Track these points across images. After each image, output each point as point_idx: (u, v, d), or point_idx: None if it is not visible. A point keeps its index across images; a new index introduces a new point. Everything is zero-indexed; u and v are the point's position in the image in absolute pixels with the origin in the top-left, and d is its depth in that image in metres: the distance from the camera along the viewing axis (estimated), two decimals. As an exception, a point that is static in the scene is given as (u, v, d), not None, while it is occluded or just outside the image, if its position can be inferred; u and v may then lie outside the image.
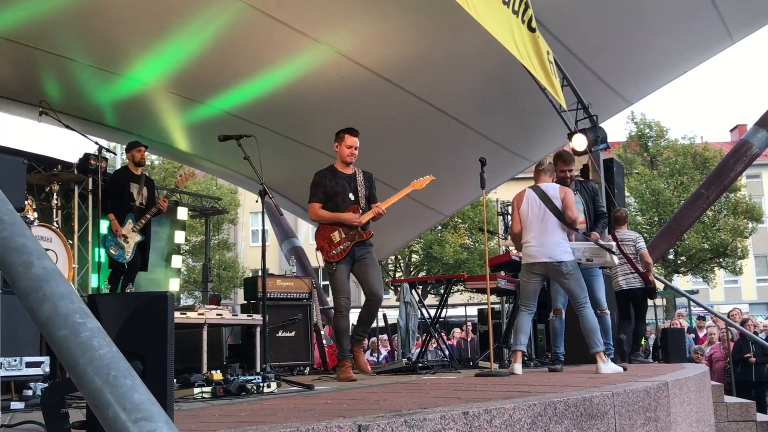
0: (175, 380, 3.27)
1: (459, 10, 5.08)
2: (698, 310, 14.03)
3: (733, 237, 24.59)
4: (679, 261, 25.44)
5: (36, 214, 5.17)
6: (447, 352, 7.82)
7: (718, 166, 11.57)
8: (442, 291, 10.50)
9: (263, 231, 5.27)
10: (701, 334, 12.50)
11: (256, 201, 5.47)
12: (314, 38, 7.05)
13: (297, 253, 13.99)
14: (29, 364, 3.59)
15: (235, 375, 4.23)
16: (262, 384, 4.05)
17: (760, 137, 10.58)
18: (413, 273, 26.31)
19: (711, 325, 12.30)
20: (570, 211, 5.51)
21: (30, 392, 3.69)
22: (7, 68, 7.06)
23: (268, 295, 6.49)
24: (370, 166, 5.89)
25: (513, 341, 5.86)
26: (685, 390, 4.41)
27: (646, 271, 7.64)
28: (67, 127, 6.78)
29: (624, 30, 8.01)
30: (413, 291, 8.31)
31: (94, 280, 8.02)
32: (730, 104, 73.49)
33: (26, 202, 4.71)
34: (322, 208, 5.54)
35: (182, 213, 12.41)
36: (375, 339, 13.78)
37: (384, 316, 10.27)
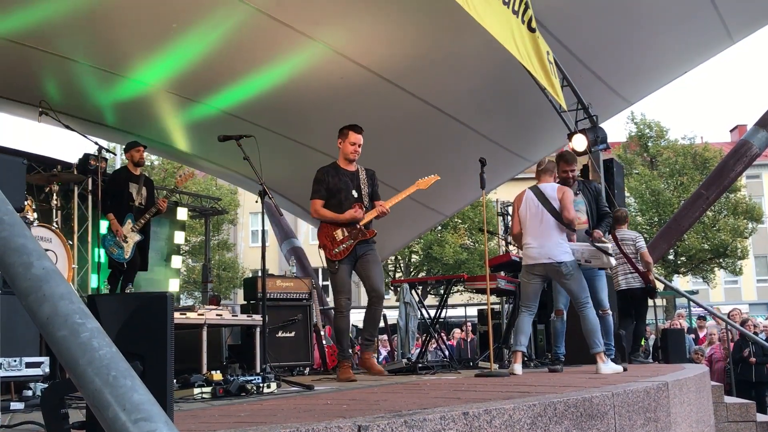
0: (174, 381, 3.27)
1: (459, 10, 5.08)
2: (698, 310, 14.02)
3: (733, 237, 24.60)
4: (679, 261, 25.46)
5: (36, 215, 5.17)
6: (447, 352, 7.81)
7: (718, 167, 11.57)
8: (442, 291, 10.51)
9: (263, 231, 5.26)
10: (701, 334, 12.50)
11: (256, 201, 5.44)
12: (314, 38, 7.05)
13: (297, 253, 13.98)
14: (29, 365, 3.59)
15: (235, 375, 4.22)
16: (261, 384, 4.05)
17: (760, 137, 10.58)
18: (413, 273, 26.32)
19: (711, 325, 12.31)
20: (566, 211, 5.47)
21: (30, 393, 3.69)
22: (7, 68, 7.05)
23: (268, 295, 6.49)
24: (370, 165, 5.88)
25: (513, 342, 5.86)
26: (685, 390, 4.41)
27: (646, 270, 7.65)
28: (67, 127, 6.79)
29: (624, 30, 8.01)
30: (413, 291, 8.30)
31: (93, 280, 8.02)
32: (730, 104, 73.62)
33: (26, 203, 4.70)
34: (325, 206, 5.47)
35: (182, 213, 12.41)
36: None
37: (384, 316, 10.26)
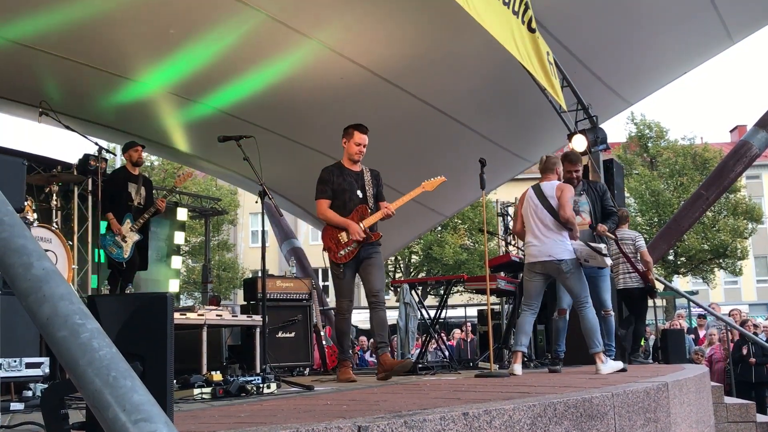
0: (174, 381, 3.27)
1: (459, 10, 5.08)
2: (698, 310, 14.03)
3: (732, 238, 24.58)
4: (679, 262, 25.45)
5: (35, 215, 5.16)
6: (447, 352, 7.82)
7: (718, 167, 11.57)
8: (441, 292, 10.50)
9: (263, 232, 5.26)
10: (701, 333, 12.50)
11: (256, 202, 5.42)
12: (314, 38, 7.05)
13: (297, 253, 13.98)
14: (29, 365, 3.59)
15: (235, 376, 4.22)
16: (261, 385, 4.05)
17: (759, 138, 10.58)
18: (413, 274, 26.31)
19: (711, 321, 12.31)
20: (562, 209, 5.44)
21: (30, 393, 3.69)
22: (7, 68, 7.06)
23: (268, 295, 6.49)
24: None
25: (513, 341, 5.85)
26: (685, 391, 4.41)
27: (646, 270, 7.65)
28: (67, 127, 6.79)
29: (624, 31, 8.02)
30: (413, 292, 8.30)
31: (94, 280, 8.01)
32: (729, 105, 73.62)
33: (26, 203, 4.70)
34: (329, 206, 5.38)
35: (182, 214, 12.40)
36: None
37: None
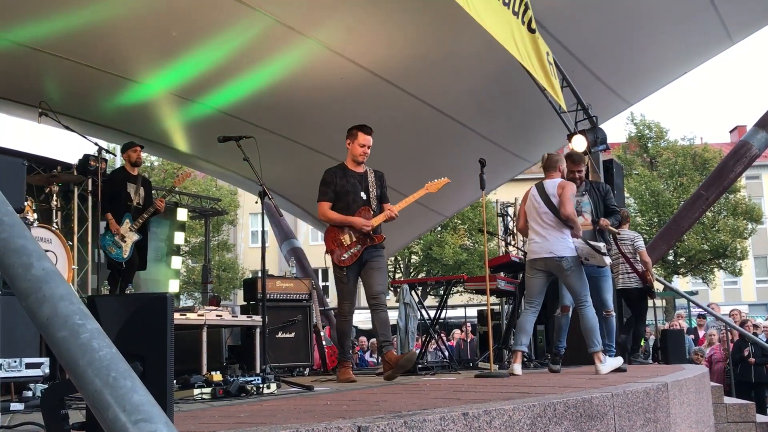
0: (174, 381, 3.27)
1: (459, 11, 5.08)
2: (698, 310, 14.03)
3: (732, 238, 24.58)
4: (679, 262, 25.45)
5: (35, 215, 5.16)
6: (447, 353, 7.82)
7: (718, 167, 11.56)
8: (441, 292, 10.50)
9: (263, 232, 5.26)
10: (701, 333, 12.50)
11: (256, 202, 5.41)
12: (314, 39, 7.05)
13: (297, 254, 13.98)
14: (29, 365, 3.59)
15: (235, 376, 4.23)
16: (261, 385, 4.05)
17: (759, 138, 10.58)
18: (413, 274, 26.31)
19: (712, 325, 12.30)
20: (563, 206, 5.45)
21: (30, 393, 3.69)
22: (7, 68, 7.06)
23: (268, 296, 6.49)
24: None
25: (514, 341, 5.84)
26: (685, 391, 4.41)
27: (645, 270, 7.65)
28: (67, 128, 6.79)
29: (624, 31, 8.01)
30: (413, 292, 8.29)
31: (94, 281, 8.02)
32: (729, 105, 73.60)
33: (26, 203, 4.70)
34: (332, 208, 5.32)
35: (182, 214, 12.40)
36: (374, 340, 13.78)
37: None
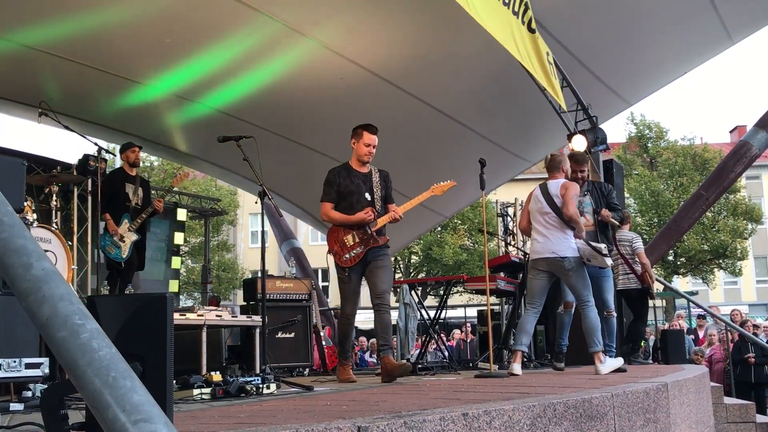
0: (174, 382, 3.27)
1: (459, 11, 5.08)
2: (698, 310, 14.03)
3: (732, 238, 24.57)
4: (679, 262, 25.44)
5: (35, 216, 5.16)
6: (446, 353, 7.82)
7: (718, 167, 11.56)
8: (441, 292, 10.50)
9: (263, 232, 5.26)
10: (701, 334, 12.50)
11: (256, 202, 5.40)
12: (314, 38, 7.05)
13: (296, 254, 13.97)
14: (28, 366, 3.58)
15: (235, 376, 4.23)
16: (261, 385, 4.05)
17: (759, 138, 10.57)
18: (413, 274, 26.30)
19: (711, 325, 12.30)
20: (566, 207, 5.46)
21: (29, 393, 3.69)
22: (7, 69, 7.05)
23: (268, 296, 6.49)
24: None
25: (514, 340, 5.84)
26: (685, 391, 4.40)
27: (643, 271, 7.62)
28: (67, 128, 6.79)
29: (623, 31, 8.01)
30: (413, 292, 8.29)
31: (93, 281, 8.02)
32: (729, 105, 73.55)
33: (25, 204, 4.70)
34: (335, 208, 5.24)
35: (181, 214, 12.41)
36: (374, 340, 13.78)
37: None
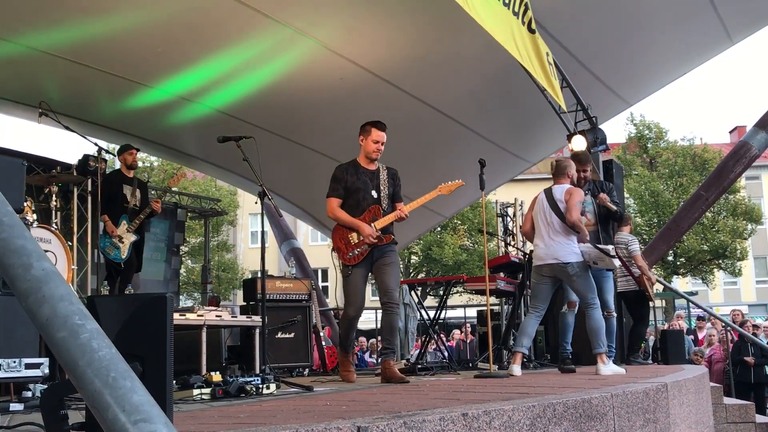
0: (174, 382, 3.27)
1: (459, 11, 5.08)
2: (698, 310, 14.03)
3: (732, 238, 24.57)
4: (679, 262, 25.45)
5: (35, 216, 5.15)
6: (446, 353, 7.81)
7: (718, 168, 11.57)
8: (441, 292, 10.50)
9: (262, 232, 5.26)
10: (701, 335, 12.49)
11: (256, 202, 5.40)
12: (314, 38, 7.05)
13: (296, 254, 13.99)
14: (28, 366, 3.58)
15: (235, 376, 4.22)
16: (261, 385, 4.05)
17: (759, 139, 10.58)
18: (412, 274, 26.30)
19: (711, 326, 12.30)
20: (569, 213, 5.50)
21: (29, 394, 3.69)
22: (7, 69, 7.05)
23: (268, 296, 6.49)
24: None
25: (514, 342, 5.84)
26: (684, 391, 4.40)
27: (640, 275, 7.58)
28: (67, 128, 6.79)
29: (623, 31, 8.01)
30: (412, 292, 8.30)
31: (93, 281, 8.03)
32: (729, 106, 73.59)
33: (25, 204, 4.70)
34: (342, 205, 5.17)
35: (181, 214, 12.41)
36: (374, 340, 13.79)
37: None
